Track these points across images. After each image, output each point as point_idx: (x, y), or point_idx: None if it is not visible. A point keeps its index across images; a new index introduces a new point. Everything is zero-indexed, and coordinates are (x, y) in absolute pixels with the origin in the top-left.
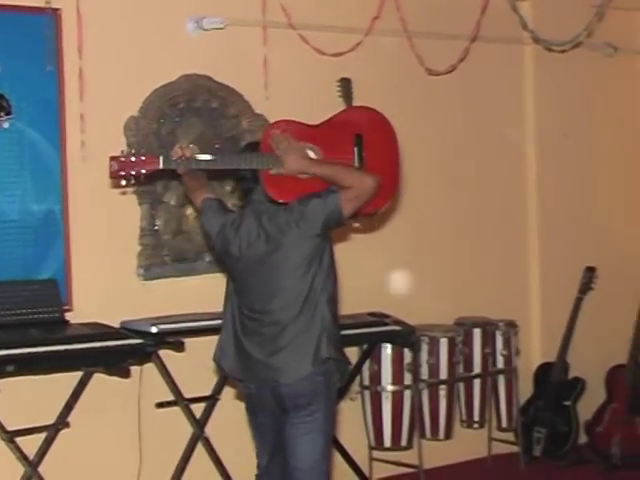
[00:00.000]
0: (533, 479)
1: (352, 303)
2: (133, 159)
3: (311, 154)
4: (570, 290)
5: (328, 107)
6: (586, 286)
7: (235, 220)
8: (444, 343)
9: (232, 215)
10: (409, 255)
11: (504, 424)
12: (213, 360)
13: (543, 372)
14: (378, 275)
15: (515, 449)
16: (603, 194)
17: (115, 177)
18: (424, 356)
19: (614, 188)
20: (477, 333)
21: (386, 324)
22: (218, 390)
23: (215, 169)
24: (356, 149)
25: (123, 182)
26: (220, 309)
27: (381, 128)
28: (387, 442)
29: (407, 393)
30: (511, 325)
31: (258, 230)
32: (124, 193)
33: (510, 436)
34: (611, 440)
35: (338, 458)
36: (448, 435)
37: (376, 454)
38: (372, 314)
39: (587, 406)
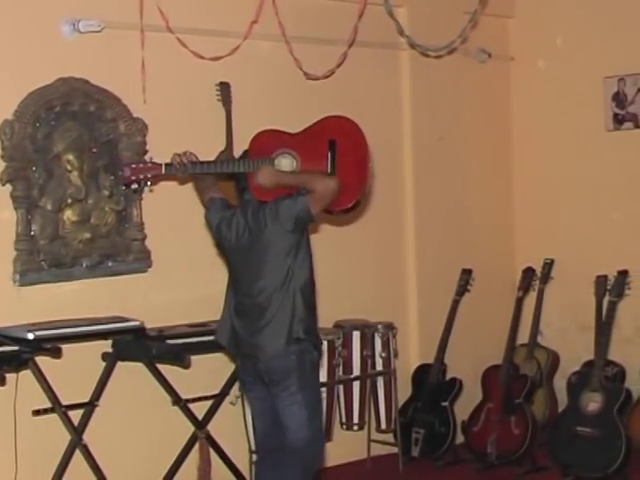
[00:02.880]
0: (411, 479)
1: None
2: (141, 165)
3: (286, 162)
4: (447, 292)
5: (206, 111)
6: (462, 288)
7: (229, 216)
8: (324, 346)
9: (230, 212)
10: None
11: (383, 425)
12: (214, 336)
13: (421, 373)
14: None
15: (394, 450)
16: (478, 197)
17: (128, 182)
18: None
19: (488, 191)
20: (356, 336)
21: None
22: (96, 396)
23: (212, 173)
24: (329, 154)
25: (134, 186)
26: (97, 314)
27: (352, 134)
28: None
29: None
30: (389, 327)
31: (245, 225)
32: None
33: (389, 437)
34: (487, 439)
35: (218, 462)
36: (328, 437)
37: (256, 458)
38: None
39: (464, 406)
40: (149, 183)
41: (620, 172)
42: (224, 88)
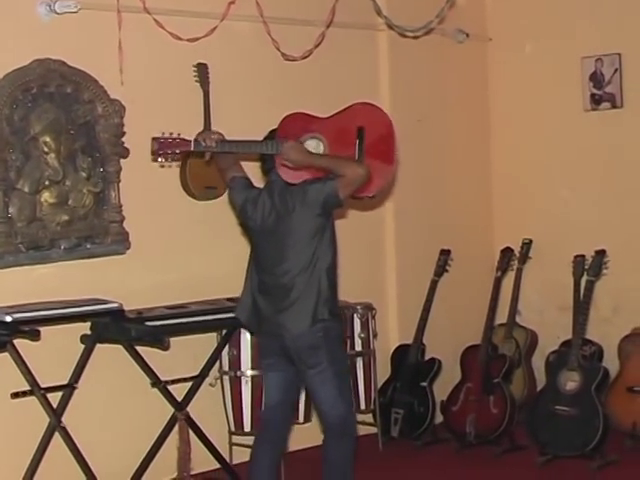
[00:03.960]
0: (391, 459)
1: (211, 288)
2: (170, 140)
3: (315, 145)
4: (425, 273)
5: (184, 92)
6: (441, 269)
7: (255, 197)
8: None
9: (255, 191)
10: None
11: (362, 406)
12: (233, 313)
13: (400, 354)
14: (236, 260)
15: (373, 430)
16: (456, 178)
17: (155, 155)
18: None
19: (466, 171)
20: None
21: None
22: (75, 379)
23: (236, 152)
24: (357, 141)
25: (160, 159)
26: (75, 297)
27: (380, 122)
28: (247, 427)
29: None
30: (368, 308)
31: (271, 206)
32: None
33: (369, 417)
34: (466, 419)
35: (198, 443)
36: (307, 418)
37: (236, 439)
38: (231, 299)
39: (443, 386)
40: (176, 157)
41: (598, 152)
42: (202, 69)
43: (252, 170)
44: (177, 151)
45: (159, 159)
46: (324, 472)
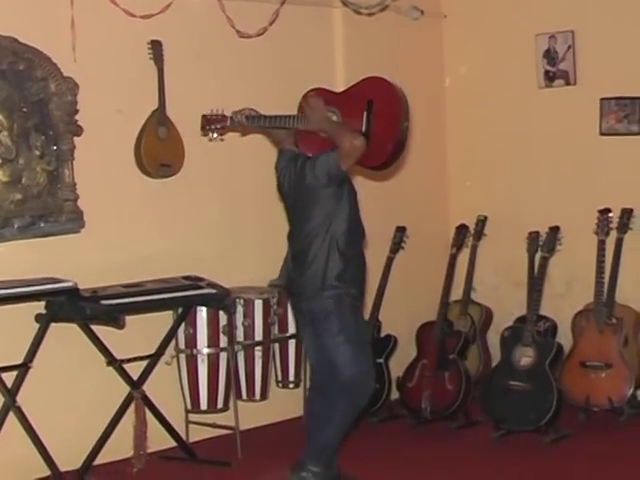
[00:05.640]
0: (347, 436)
1: (167, 266)
2: (213, 116)
3: (333, 117)
4: (381, 250)
5: (138, 70)
6: (396, 245)
7: (288, 166)
8: (259, 305)
9: (292, 162)
10: (222, 218)
11: None
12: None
13: None
14: (192, 239)
15: None
16: (412, 154)
17: (203, 130)
18: (239, 318)
19: (422, 148)
20: None
21: (201, 287)
22: (30, 358)
23: (265, 126)
24: (365, 113)
25: (210, 134)
26: (29, 276)
27: (388, 95)
28: (203, 405)
29: (223, 355)
30: None
31: (294, 175)
32: None
33: None
34: (421, 395)
35: (154, 422)
36: (264, 396)
37: (192, 417)
38: (187, 277)
39: (398, 363)
40: (220, 131)
41: (552, 129)
42: (156, 46)
43: None
44: (218, 126)
45: (208, 134)
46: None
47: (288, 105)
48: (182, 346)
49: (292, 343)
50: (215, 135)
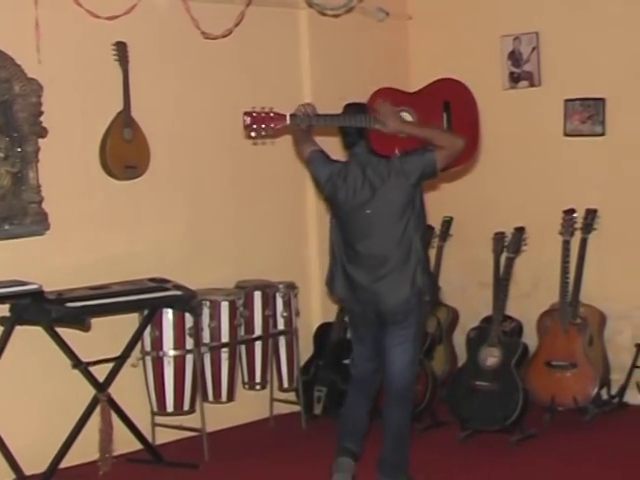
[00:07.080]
0: (314, 437)
1: (132, 269)
2: (263, 115)
3: (407, 117)
4: None
5: (103, 71)
6: None
7: (341, 170)
8: (225, 307)
9: (338, 165)
10: (188, 219)
11: (285, 384)
12: (325, 284)
13: (323, 332)
14: (158, 240)
15: (297, 408)
16: None
17: (247, 130)
18: (205, 320)
19: None
20: (258, 296)
21: (167, 289)
22: None
23: (330, 125)
24: (445, 114)
25: (253, 134)
26: None
27: (464, 96)
28: (170, 407)
29: (189, 357)
30: (291, 287)
31: (363, 179)
32: None
33: (291, 396)
34: None
35: (120, 424)
36: (230, 397)
37: (159, 419)
38: (153, 279)
39: None
40: (271, 133)
41: (516, 130)
42: (121, 48)
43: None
44: (272, 125)
45: (252, 134)
46: (384, 433)
47: (253, 105)
48: (148, 348)
49: (259, 344)
50: (262, 137)
